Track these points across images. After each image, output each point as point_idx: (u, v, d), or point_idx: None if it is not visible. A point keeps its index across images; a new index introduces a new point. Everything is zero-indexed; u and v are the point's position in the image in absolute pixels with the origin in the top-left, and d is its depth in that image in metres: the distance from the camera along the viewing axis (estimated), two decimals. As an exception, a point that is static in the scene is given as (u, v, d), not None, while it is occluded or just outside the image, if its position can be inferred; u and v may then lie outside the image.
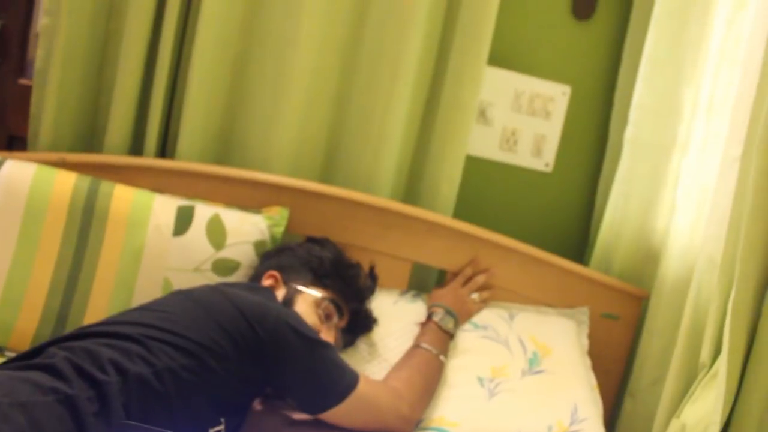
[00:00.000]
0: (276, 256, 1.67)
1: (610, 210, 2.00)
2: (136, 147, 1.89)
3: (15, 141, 1.98)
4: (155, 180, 1.78)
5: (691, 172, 1.82)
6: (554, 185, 2.12)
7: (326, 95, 1.94)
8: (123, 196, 1.69)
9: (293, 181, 1.85)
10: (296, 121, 1.91)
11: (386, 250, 1.86)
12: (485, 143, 2.08)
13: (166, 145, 1.91)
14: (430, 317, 1.72)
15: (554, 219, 2.13)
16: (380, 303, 1.73)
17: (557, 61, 2.08)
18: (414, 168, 2.02)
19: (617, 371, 1.94)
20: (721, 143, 1.64)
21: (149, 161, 1.83)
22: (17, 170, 1.66)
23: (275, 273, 1.61)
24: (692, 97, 1.87)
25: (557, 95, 2.08)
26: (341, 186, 1.91)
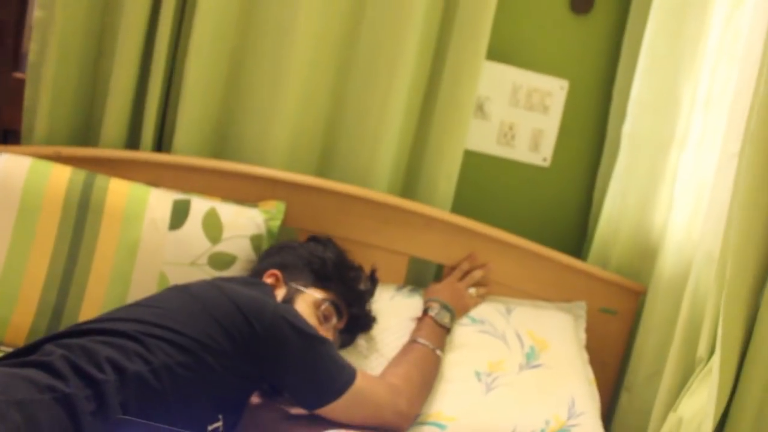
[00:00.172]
0: (278, 255, 1.66)
1: (608, 205, 2.00)
2: (132, 141, 1.88)
3: (9, 135, 1.97)
4: (151, 174, 1.77)
5: (689, 168, 1.82)
6: (552, 180, 2.12)
7: (323, 89, 1.93)
8: (118, 190, 1.68)
9: (290, 175, 1.84)
10: (293, 115, 1.90)
11: (383, 245, 1.85)
12: (483, 138, 2.07)
13: (162, 139, 1.90)
14: (426, 312, 1.72)
15: (552, 214, 2.13)
16: (377, 298, 1.72)
17: (555, 56, 2.08)
18: (411, 162, 2.01)
19: (614, 365, 1.94)
20: (719, 138, 1.64)
21: (145, 155, 1.82)
22: (12, 164, 1.65)
23: (276, 272, 1.60)
24: (690, 93, 1.87)
25: (555, 90, 2.08)
26: (338, 180, 1.91)
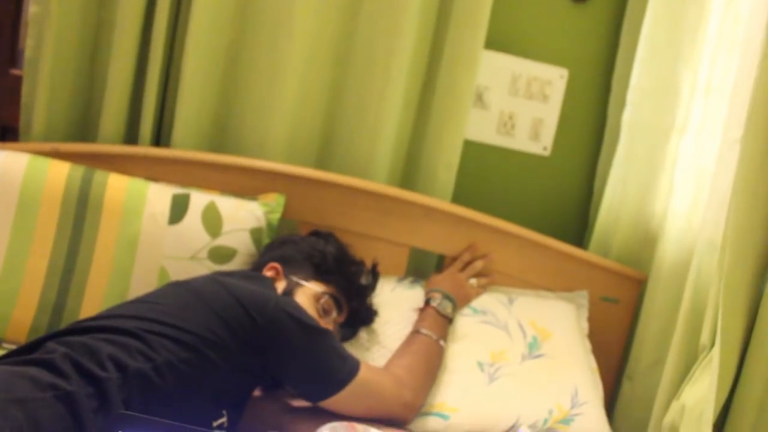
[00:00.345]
0: (279, 248, 1.66)
1: (609, 193, 2.00)
2: (131, 136, 1.87)
3: (8, 132, 1.96)
4: (150, 169, 1.77)
5: (689, 155, 1.82)
6: (552, 169, 2.11)
7: (322, 81, 1.93)
8: (117, 185, 1.67)
9: (289, 168, 1.84)
10: (292, 108, 1.89)
11: (384, 236, 1.85)
12: (482, 127, 2.06)
13: (161, 134, 1.89)
14: (428, 302, 1.71)
15: (553, 203, 2.12)
16: (378, 290, 1.72)
17: (555, 44, 2.07)
18: (411, 153, 2.01)
19: (616, 354, 1.94)
20: (719, 125, 1.63)
21: (144, 150, 1.82)
22: (10, 161, 1.65)
23: (276, 265, 1.60)
24: (690, 79, 1.86)
25: (555, 78, 2.07)
26: (338, 172, 1.90)
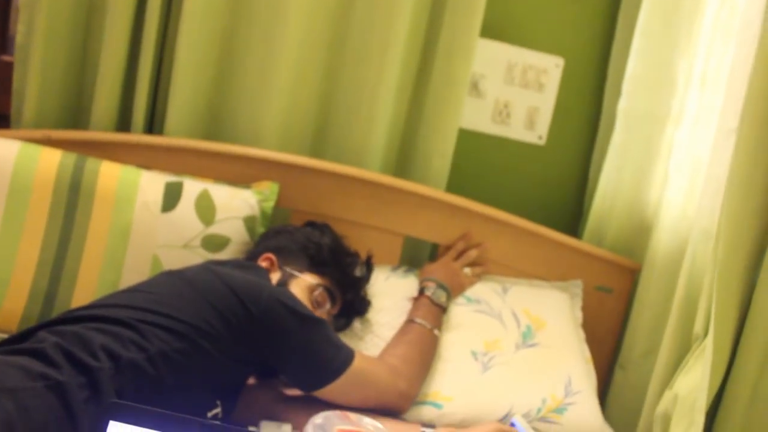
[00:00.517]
0: (274, 238, 1.65)
1: (603, 182, 2.00)
2: (123, 123, 1.86)
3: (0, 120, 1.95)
4: (143, 156, 1.76)
5: (684, 144, 1.82)
6: (548, 158, 2.11)
7: (316, 69, 1.92)
8: (110, 173, 1.66)
9: (283, 156, 1.83)
10: (286, 95, 1.88)
11: (378, 225, 1.85)
12: (478, 116, 2.06)
13: (154, 121, 1.88)
14: (422, 292, 1.71)
15: (548, 192, 2.12)
16: (372, 279, 1.71)
17: (551, 33, 2.06)
18: (406, 141, 2.00)
19: (610, 343, 1.95)
20: (715, 115, 1.63)
21: (136, 137, 1.80)
22: (1, 148, 1.63)
23: (271, 256, 1.59)
24: (686, 69, 1.86)
25: (550, 67, 2.06)
26: (332, 160, 1.89)
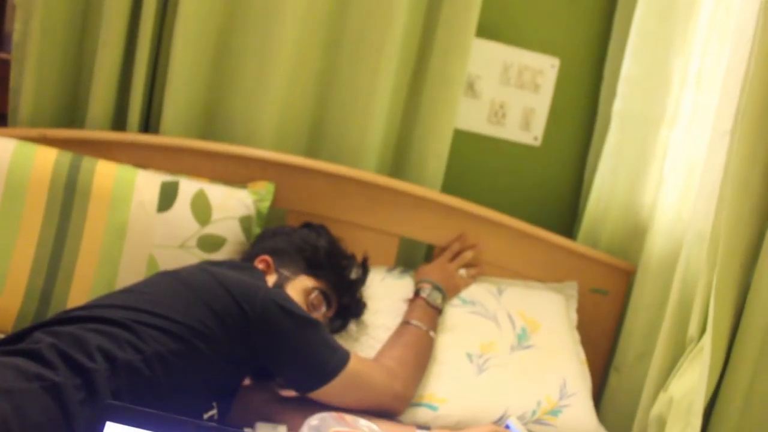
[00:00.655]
0: (270, 239, 1.65)
1: (598, 183, 2.00)
2: (119, 122, 1.85)
3: (-1, 117, 1.94)
4: (138, 155, 1.75)
5: (679, 146, 1.82)
6: (543, 159, 2.11)
7: (311, 68, 1.91)
8: (105, 172, 1.66)
9: (279, 156, 1.83)
10: (281, 95, 1.88)
11: (373, 225, 1.85)
12: (473, 116, 2.06)
13: (150, 120, 1.88)
14: (418, 293, 1.71)
15: (543, 193, 2.12)
16: (368, 280, 1.71)
17: (546, 33, 2.06)
18: (401, 142, 2.00)
19: (605, 345, 1.95)
20: (710, 116, 1.63)
21: (132, 136, 1.80)
22: (-4, 146, 1.63)
23: (267, 258, 1.59)
24: (681, 70, 1.86)
25: (546, 68, 2.06)
26: (327, 160, 1.89)
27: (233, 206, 1.71)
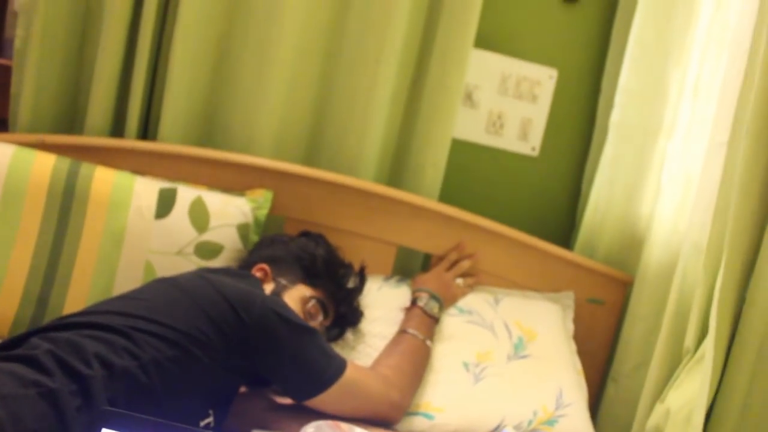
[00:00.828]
0: (268, 248, 1.65)
1: (595, 194, 2.00)
2: (117, 128, 1.86)
3: (-1, 123, 1.94)
4: (137, 162, 1.76)
5: (677, 157, 1.82)
6: (541, 169, 2.11)
7: (310, 76, 1.92)
8: (104, 178, 1.66)
9: (277, 164, 1.83)
10: (280, 103, 1.89)
11: (371, 234, 1.85)
12: (471, 126, 2.06)
13: (148, 127, 1.88)
14: (415, 302, 1.71)
15: (540, 203, 2.13)
16: (365, 289, 1.71)
17: (544, 44, 2.07)
18: (399, 151, 2.00)
19: (602, 356, 1.95)
20: (707, 127, 1.64)
21: (130, 143, 1.80)
22: (-5, 152, 1.63)
23: (265, 266, 1.59)
24: (678, 81, 1.87)
25: (544, 79, 2.07)
26: (325, 168, 1.90)
27: (231, 213, 1.71)
